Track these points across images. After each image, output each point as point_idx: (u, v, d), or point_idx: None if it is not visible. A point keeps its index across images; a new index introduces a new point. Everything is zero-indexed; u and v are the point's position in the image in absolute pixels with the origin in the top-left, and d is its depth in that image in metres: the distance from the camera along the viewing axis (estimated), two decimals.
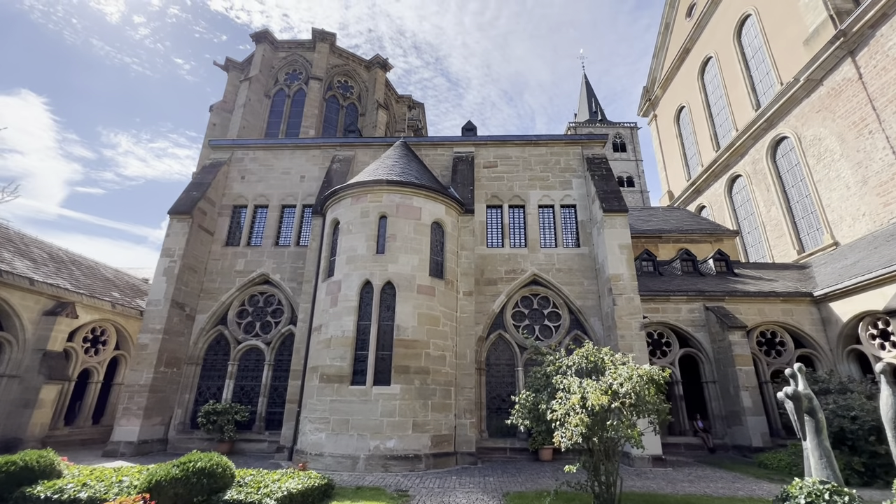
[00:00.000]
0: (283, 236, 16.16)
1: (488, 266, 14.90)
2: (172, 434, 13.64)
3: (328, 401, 11.00)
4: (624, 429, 5.77)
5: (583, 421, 5.81)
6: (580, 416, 5.82)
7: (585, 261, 14.85)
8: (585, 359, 7.11)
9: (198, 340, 14.70)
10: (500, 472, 10.46)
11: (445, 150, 16.76)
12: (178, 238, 14.56)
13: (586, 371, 6.99)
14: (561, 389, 6.75)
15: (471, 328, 12.97)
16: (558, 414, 6.27)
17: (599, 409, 5.78)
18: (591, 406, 5.88)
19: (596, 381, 6.28)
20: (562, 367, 7.32)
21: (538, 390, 7.64)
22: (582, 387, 6.22)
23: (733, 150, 27.62)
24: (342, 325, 11.56)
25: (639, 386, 5.89)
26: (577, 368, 7.11)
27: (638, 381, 5.97)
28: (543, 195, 15.87)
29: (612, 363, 6.78)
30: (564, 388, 6.66)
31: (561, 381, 6.81)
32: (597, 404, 5.70)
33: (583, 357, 7.16)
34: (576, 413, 5.99)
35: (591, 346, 7.32)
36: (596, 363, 7.00)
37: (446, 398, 11.68)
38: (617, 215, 13.91)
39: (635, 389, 5.82)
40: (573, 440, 6.07)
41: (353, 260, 12.17)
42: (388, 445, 10.41)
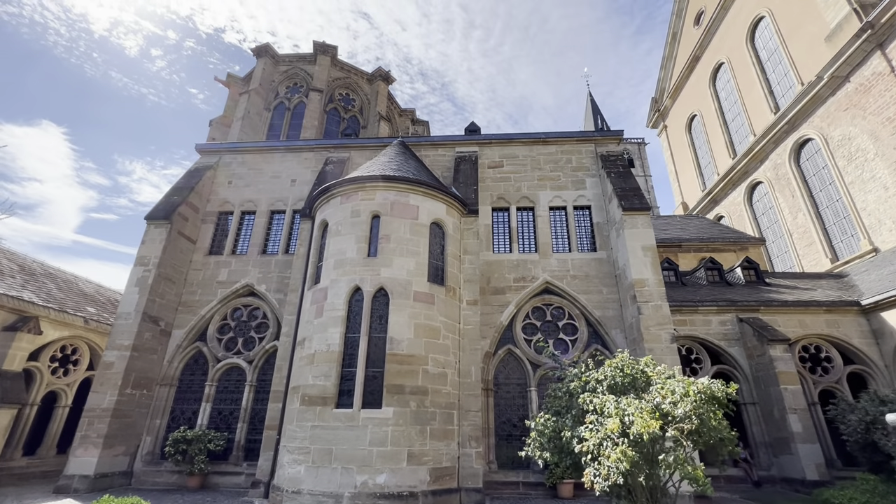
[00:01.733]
0: (271, 244, 14.85)
1: (495, 273, 13.41)
2: (139, 466, 12.02)
3: (309, 427, 9.41)
4: (683, 465, 4.17)
5: (626, 455, 4.23)
6: (621, 448, 4.25)
7: (604, 266, 13.30)
8: (620, 371, 5.56)
9: (173, 359, 13.23)
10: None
11: (447, 151, 15.53)
12: (154, 245, 13.29)
13: (621, 387, 5.43)
14: (591, 412, 5.19)
15: (476, 342, 11.39)
16: (589, 444, 4.71)
17: (648, 438, 4.20)
18: (636, 434, 4.30)
19: (638, 400, 4.70)
20: (589, 381, 5.76)
21: (559, 413, 6.08)
22: (621, 408, 4.66)
23: (752, 156, 26.21)
24: (327, 337, 10.06)
25: (700, 406, 4.31)
26: (610, 384, 5.54)
27: (697, 399, 4.40)
28: (554, 196, 14.48)
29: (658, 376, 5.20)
30: (595, 409, 5.11)
31: (590, 400, 5.27)
32: (644, 431, 4.15)
33: (616, 369, 5.60)
34: (614, 444, 4.41)
35: (627, 355, 5.75)
36: (634, 377, 5.43)
37: (448, 423, 10.03)
38: (638, 214, 12.44)
39: (697, 411, 4.25)
40: (612, 480, 4.47)
41: (342, 264, 10.77)
42: (378, 481, 8.75)
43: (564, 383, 6.36)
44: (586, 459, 4.86)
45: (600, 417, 4.95)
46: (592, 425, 4.95)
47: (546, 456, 5.76)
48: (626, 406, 4.61)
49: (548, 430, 5.75)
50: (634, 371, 5.55)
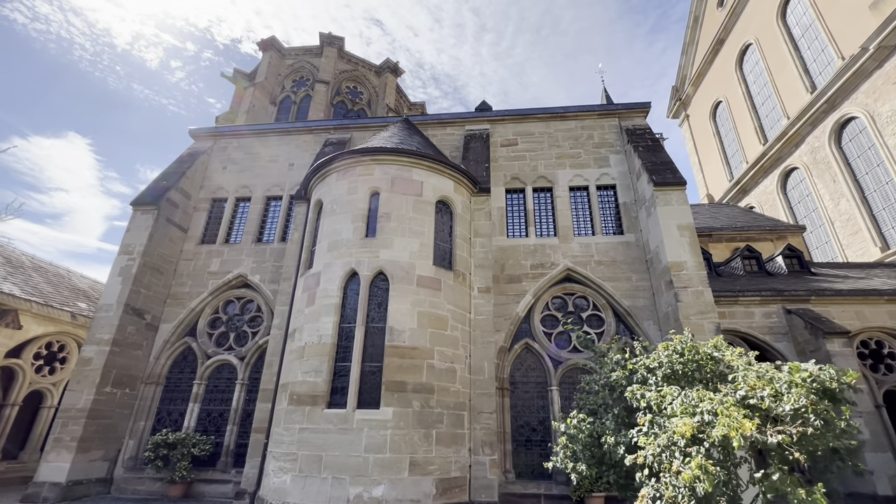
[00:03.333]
0: (266, 232, 13.76)
1: (510, 260, 12.05)
2: (119, 472, 10.95)
3: (296, 430, 8.18)
4: (792, 488, 2.79)
5: (706, 472, 2.86)
6: (697, 460, 2.88)
7: (632, 250, 11.84)
8: (679, 355, 4.16)
9: (160, 355, 12.18)
10: None
11: (456, 129, 14.27)
12: (139, 233, 12.29)
13: (682, 376, 4.04)
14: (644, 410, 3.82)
15: (489, 334, 10.05)
16: (646, 455, 3.35)
17: (739, 444, 2.83)
18: (719, 439, 2.94)
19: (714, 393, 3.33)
20: (637, 370, 4.39)
21: (595, 412, 4.71)
22: (689, 403, 3.29)
23: (786, 141, 24.35)
24: (319, 328, 8.84)
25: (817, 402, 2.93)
26: (666, 373, 4.16)
27: (809, 391, 3.02)
28: (575, 175, 13.07)
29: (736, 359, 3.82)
30: (650, 406, 3.73)
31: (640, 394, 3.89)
32: (735, 436, 2.77)
33: (673, 353, 4.21)
34: (684, 454, 3.04)
35: (688, 335, 4.37)
36: (699, 363, 4.06)
37: (457, 426, 8.70)
38: (672, 189, 10.97)
39: (816, 409, 2.87)
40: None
41: (337, 246, 9.56)
42: (374, 494, 7.45)
43: (602, 374, 5.01)
44: (642, 476, 3.52)
45: (660, 418, 3.62)
46: (649, 428, 3.62)
47: (581, 469, 4.42)
48: (706, 403, 3.26)
49: (583, 434, 4.42)
50: (699, 356, 4.19)
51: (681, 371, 4.15)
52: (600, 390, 4.93)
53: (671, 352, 4.36)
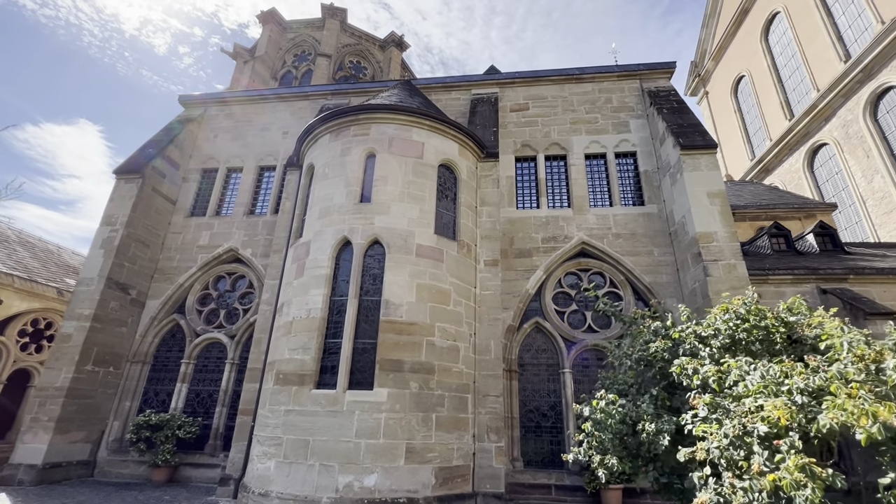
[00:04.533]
0: (259, 204, 12.92)
1: (519, 233, 11.09)
2: (103, 454, 10.35)
3: (282, 412, 7.40)
4: None
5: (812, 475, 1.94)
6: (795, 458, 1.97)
7: (654, 222, 10.80)
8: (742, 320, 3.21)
9: (146, 333, 11.49)
10: None
11: (462, 94, 13.20)
12: (122, 203, 11.51)
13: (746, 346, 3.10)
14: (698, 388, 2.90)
15: (496, 311, 9.15)
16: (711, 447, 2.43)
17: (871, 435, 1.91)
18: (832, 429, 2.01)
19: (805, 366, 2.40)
20: (686, 339, 3.46)
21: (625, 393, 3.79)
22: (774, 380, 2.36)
23: (815, 115, 22.83)
24: (308, 301, 8.01)
25: None
26: (725, 343, 3.23)
27: None
28: (591, 141, 11.98)
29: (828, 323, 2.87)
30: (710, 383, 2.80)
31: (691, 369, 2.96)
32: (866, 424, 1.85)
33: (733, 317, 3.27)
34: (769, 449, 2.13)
35: (752, 294, 3.43)
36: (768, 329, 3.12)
37: (460, 410, 7.87)
38: (702, 153, 9.88)
39: None
40: None
41: (328, 212, 8.67)
42: (366, 483, 6.67)
43: (634, 346, 4.10)
44: (702, 475, 2.64)
45: (722, 399, 2.73)
46: (709, 411, 2.72)
47: (611, 463, 3.54)
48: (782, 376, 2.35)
49: (613, 419, 3.52)
50: (767, 321, 3.25)
51: (744, 340, 3.23)
52: (633, 366, 4.03)
53: (731, 316, 3.43)
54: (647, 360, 3.93)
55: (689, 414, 2.99)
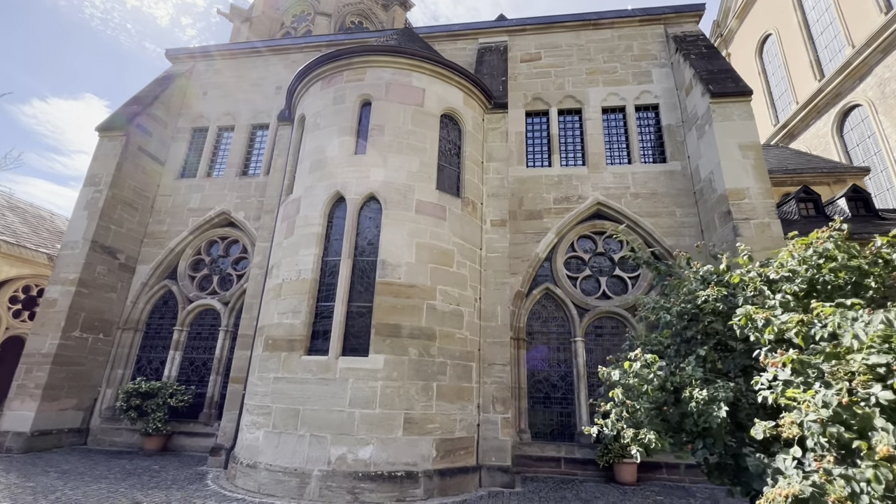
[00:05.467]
0: (252, 164, 12.17)
1: (529, 193, 10.27)
2: (96, 422, 10.04)
3: (271, 379, 6.87)
4: None
5: None
6: None
7: (677, 181, 9.90)
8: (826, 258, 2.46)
9: (137, 299, 11.00)
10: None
11: (468, 43, 12.12)
12: (106, 162, 10.83)
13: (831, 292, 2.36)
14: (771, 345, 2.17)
15: (503, 275, 8.44)
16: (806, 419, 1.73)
17: None
18: None
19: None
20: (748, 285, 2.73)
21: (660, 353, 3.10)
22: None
23: (848, 73, 21.23)
24: (298, 262, 7.35)
25: None
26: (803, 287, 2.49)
27: None
28: (609, 93, 10.96)
29: None
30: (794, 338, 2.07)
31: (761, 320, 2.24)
32: None
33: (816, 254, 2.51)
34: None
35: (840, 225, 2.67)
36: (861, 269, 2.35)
37: (463, 379, 7.28)
38: (734, 101, 8.88)
39: None
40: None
41: (320, 165, 7.90)
42: (361, 455, 6.16)
43: (677, 296, 3.37)
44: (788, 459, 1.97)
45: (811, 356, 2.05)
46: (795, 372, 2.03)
47: (648, 439, 2.86)
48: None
49: (650, 385, 2.82)
50: (858, 260, 2.52)
51: (830, 283, 2.50)
52: (672, 322, 3.32)
53: (812, 254, 2.69)
54: (690, 315, 3.21)
55: (763, 376, 2.30)
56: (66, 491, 6.02)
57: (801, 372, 2.14)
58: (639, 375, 2.93)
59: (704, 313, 3.14)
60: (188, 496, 5.94)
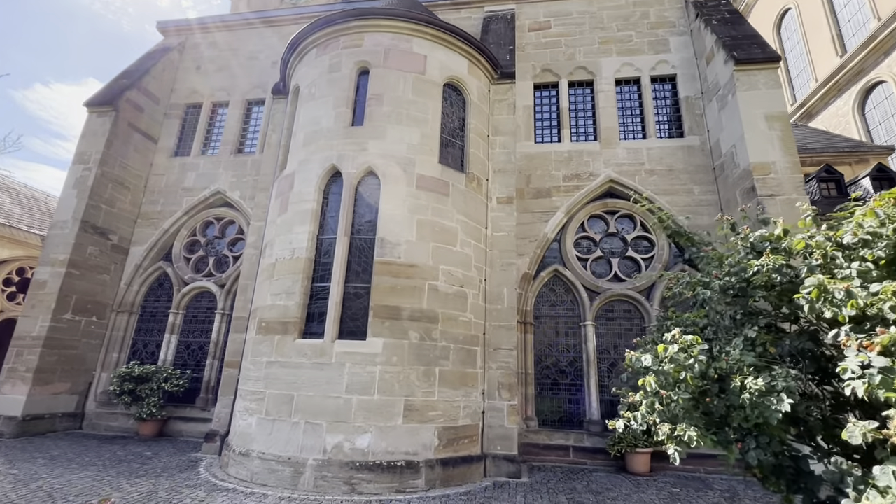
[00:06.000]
0: (248, 141, 11.69)
1: (538, 170, 9.74)
2: (91, 407, 9.81)
3: (263, 363, 6.51)
4: None
5: None
6: None
7: (695, 156, 9.32)
8: None
9: (132, 281, 10.68)
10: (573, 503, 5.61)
11: (472, 12, 11.45)
12: (95, 139, 10.39)
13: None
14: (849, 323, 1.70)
15: (510, 256, 7.98)
16: None
17: None
18: None
19: None
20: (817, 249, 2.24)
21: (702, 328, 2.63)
22: None
23: (873, 48, 20.22)
24: (292, 240, 6.92)
25: None
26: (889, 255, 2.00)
27: None
28: (623, 64, 10.31)
29: None
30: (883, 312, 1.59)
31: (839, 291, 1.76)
32: None
33: None
34: None
35: None
36: None
37: (467, 365, 6.89)
38: (760, 68, 8.25)
39: None
40: None
41: (315, 138, 7.41)
42: (358, 444, 5.81)
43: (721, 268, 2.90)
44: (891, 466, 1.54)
45: None
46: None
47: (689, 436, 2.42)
48: None
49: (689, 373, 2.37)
50: None
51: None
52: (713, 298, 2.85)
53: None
54: (737, 289, 2.74)
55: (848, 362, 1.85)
56: (50, 479, 5.73)
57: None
58: (675, 361, 2.48)
59: (754, 287, 2.67)
60: (176, 485, 5.63)
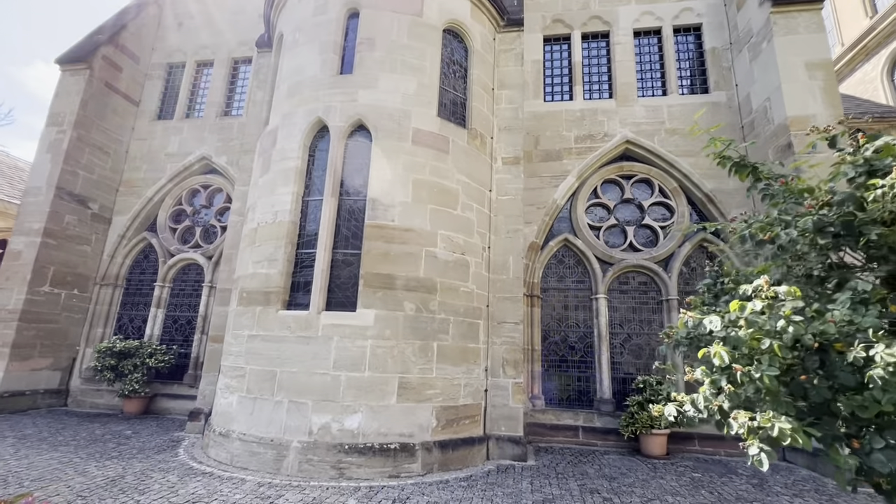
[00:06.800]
0: (235, 103, 10.90)
1: (547, 131, 8.92)
2: (76, 383, 9.38)
3: (245, 337, 5.93)
4: None
5: None
6: None
7: (721, 113, 8.46)
8: None
9: (115, 253, 10.10)
10: (585, 490, 5.06)
11: None
12: (69, 99, 9.65)
13: None
14: None
15: (516, 221, 7.27)
16: None
17: None
18: None
19: None
20: None
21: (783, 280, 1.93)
22: None
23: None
24: (274, 202, 6.25)
25: None
26: None
27: None
28: (643, 13, 9.34)
29: None
30: None
31: None
32: None
33: None
34: None
35: None
36: None
37: (469, 339, 6.27)
38: (801, 9, 7.33)
39: None
40: None
41: (299, 89, 6.64)
42: (348, 425, 5.25)
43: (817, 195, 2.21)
44: None
45: None
46: None
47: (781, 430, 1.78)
48: None
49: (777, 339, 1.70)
50: None
51: None
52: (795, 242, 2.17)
53: None
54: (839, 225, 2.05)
55: None
56: (11, 461, 5.25)
57: None
58: (755, 324, 1.82)
59: (865, 223, 1.97)
60: (148, 468, 5.13)
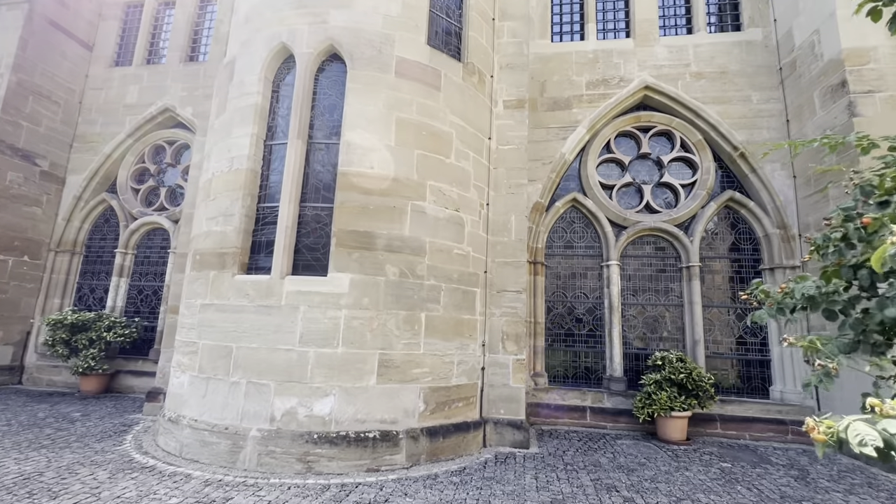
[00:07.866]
0: (200, 46, 9.66)
1: (555, 76, 7.81)
2: (32, 359, 8.52)
3: (197, 307, 5.01)
4: None
5: None
6: None
7: (756, 54, 7.35)
8: None
9: (71, 216, 9.07)
10: (601, 486, 4.26)
11: None
12: (6, 37, 8.41)
13: None
14: None
15: (519, 176, 6.27)
16: None
17: None
18: None
19: None
20: None
21: None
22: None
23: None
24: (231, 147, 5.20)
25: None
26: None
27: None
28: None
29: None
30: None
31: None
32: None
33: None
34: None
35: None
36: None
37: (463, 310, 5.37)
38: None
39: None
40: None
41: (260, 10, 5.50)
42: (317, 410, 4.39)
43: None
44: None
45: None
46: None
47: None
48: None
49: None
50: None
51: None
52: None
53: None
54: None
55: None
56: None
57: None
58: None
59: None
60: (78, 462, 4.29)
